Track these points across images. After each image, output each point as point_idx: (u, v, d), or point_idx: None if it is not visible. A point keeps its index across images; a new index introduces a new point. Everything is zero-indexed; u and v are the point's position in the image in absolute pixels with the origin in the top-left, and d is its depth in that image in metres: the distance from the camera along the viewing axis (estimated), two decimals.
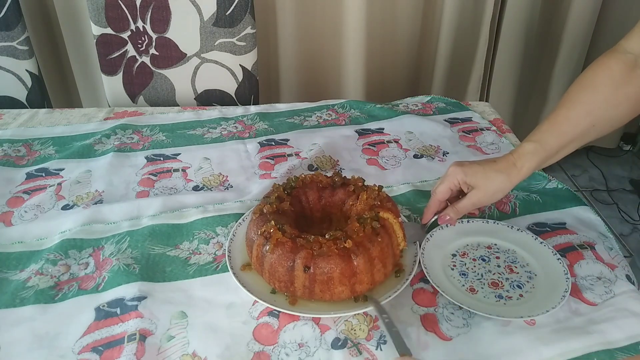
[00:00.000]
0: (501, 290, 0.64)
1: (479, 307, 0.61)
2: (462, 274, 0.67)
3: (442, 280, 0.65)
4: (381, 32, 1.61)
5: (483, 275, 0.67)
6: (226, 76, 1.21)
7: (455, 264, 0.69)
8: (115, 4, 1.12)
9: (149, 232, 0.72)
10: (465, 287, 0.65)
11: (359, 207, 0.67)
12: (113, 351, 0.56)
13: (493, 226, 0.74)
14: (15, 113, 1.04)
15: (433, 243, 0.71)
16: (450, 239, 0.72)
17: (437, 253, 0.69)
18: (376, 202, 0.66)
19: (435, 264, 0.67)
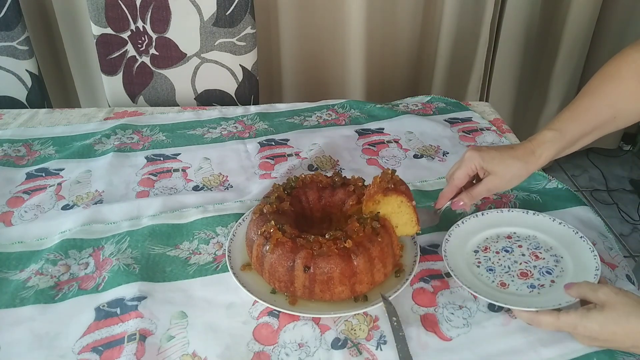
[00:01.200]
0: (532, 280, 0.63)
1: (516, 302, 0.59)
2: (489, 269, 0.65)
3: (472, 280, 0.64)
4: (381, 32, 1.61)
5: (510, 267, 0.66)
6: (226, 76, 1.21)
7: (479, 260, 0.67)
8: (115, 4, 1.12)
9: (149, 232, 0.72)
10: (495, 282, 0.63)
11: (372, 190, 0.66)
12: (113, 351, 0.56)
13: (508, 214, 0.73)
14: (15, 113, 1.04)
15: (453, 244, 0.69)
16: (468, 235, 0.71)
17: (460, 253, 0.68)
18: (390, 185, 0.65)
19: (460, 265, 0.66)
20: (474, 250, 0.69)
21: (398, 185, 0.66)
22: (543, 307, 0.57)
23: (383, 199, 0.65)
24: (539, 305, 0.58)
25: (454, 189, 0.70)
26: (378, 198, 0.65)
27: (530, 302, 0.59)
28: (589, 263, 0.63)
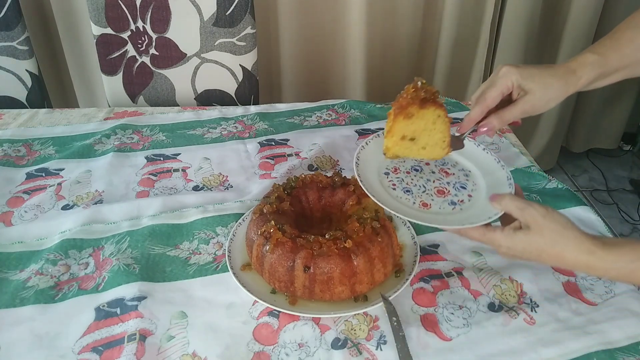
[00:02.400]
0: (450, 197, 0.63)
1: (447, 221, 0.58)
2: (406, 190, 0.63)
3: (397, 206, 0.60)
4: (381, 32, 1.61)
5: (425, 187, 0.64)
6: (226, 76, 1.21)
7: (393, 182, 0.64)
8: (115, 4, 1.12)
9: (149, 232, 0.72)
10: (416, 204, 0.61)
11: (404, 102, 0.58)
12: (113, 351, 0.56)
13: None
14: (15, 113, 1.04)
15: (364, 169, 0.63)
16: (372, 158, 0.65)
17: (373, 178, 0.63)
18: (427, 95, 0.59)
19: (378, 189, 0.62)
20: (384, 173, 0.65)
21: (436, 96, 0.59)
22: (473, 224, 0.56)
23: (418, 112, 0.58)
24: (467, 221, 0.57)
25: (484, 109, 0.62)
26: (412, 111, 0.58)
27: (457, 219, 0.58)
28: (499, 174, 0.63)
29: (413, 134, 0.60)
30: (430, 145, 0.61)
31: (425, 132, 0.60)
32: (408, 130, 0.60)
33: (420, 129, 0.60)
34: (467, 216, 0.59)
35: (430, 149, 0.61)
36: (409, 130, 0.60)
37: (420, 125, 0.60)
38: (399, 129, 0.60)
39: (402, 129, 0.60)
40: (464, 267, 0.68)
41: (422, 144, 0.61)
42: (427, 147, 0.61)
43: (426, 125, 0.60)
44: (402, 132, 0.60)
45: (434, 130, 0.60)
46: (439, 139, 0.61)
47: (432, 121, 0.60)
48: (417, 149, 0.62)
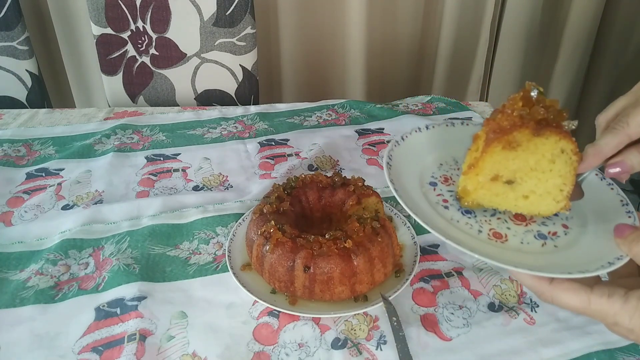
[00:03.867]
0: (536, 225, 0.43)
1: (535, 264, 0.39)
2: (466, 212, 0.44)
3: (456, 233, 0.42)
4: (381, 32, 1.61)
5: (496, 208, 0.44)
6: (226, 76, 1.21)
7: (445, 198, 0.45)
8: (115, 4, 1.12)
9: (149, 232, 0.72)
10: (484, 232, 0.42)
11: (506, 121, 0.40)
12: (113, 351, 0.56)
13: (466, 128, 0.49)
14: (15, 113, 1.04)
15: (398, 173, 0.46)
16: (412, 160, 0.49)
17: (413, 188, 0.46)
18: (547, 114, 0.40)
19: (423, 206, 0.44)
20: (430, 183, 0.47)
21: (562, 118, 0.40)
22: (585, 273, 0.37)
23: (530, 140, 0.39)
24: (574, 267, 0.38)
25: (623, 140, 0.41)
26: (519, 137, 0.39)
27: (556, 262, 0.39)
28: (606, 194, 0.45)
29: (513, 174, 0.41)
30: (538, 195, 0.42)
31: (533, 174, 0.41)
32: (506, 168, 0.41)
33: (527, 167, 0.41)
34: (569, 259, 0.40)
35: (537, 200, 0.42)
36: (508, 169, 0.41)
37: (529, 162, 0.41)
38: (492, 165, 0.41)
39: (497, 165, 0.41)
40: (464, 267, 0.68)
41: (524, 191, 0.42)
42: (532, 196, 0.42)
43: (539, 162, 0.40)
44: (495, 169, 0.41)
45: (549, 172, 0.41)
46: (553, 187, 0.41)
47: (550, 158, 0.40)
48: (515, 197, 0.43)
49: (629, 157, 0.41)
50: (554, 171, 0.41)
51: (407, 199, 0.42)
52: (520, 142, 0.40)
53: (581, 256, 0.40)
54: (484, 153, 0.41)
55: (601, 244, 0.41)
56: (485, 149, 0.41)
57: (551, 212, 0.43)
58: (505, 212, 0.44)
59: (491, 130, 0.41)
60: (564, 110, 0.41)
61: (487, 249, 0.40)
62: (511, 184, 0.42)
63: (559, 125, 0.40)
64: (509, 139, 0.39)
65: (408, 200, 0.42)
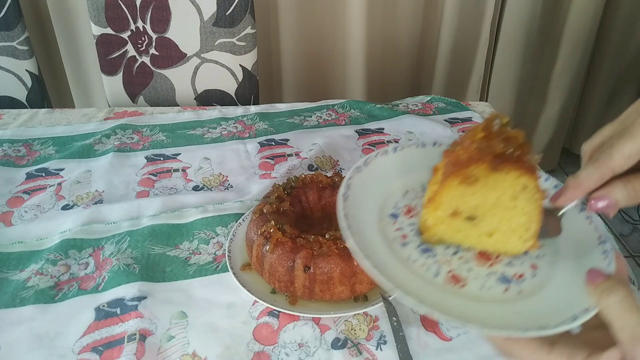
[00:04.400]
0: (501, 266, 0.39)
1: (490, 317, 0.35)
2: (425, 250, 0.40)
3: (401, 275, 0.38)
4: (381, 32, 1.61)
5: (458, 245, 0.41)
6: (226, 76, 1.21)
7: (404, 233, 0.41)
8: (115, 4, 1.12)
9: (149, 232, 0.72)
10: (441, 276, 0.38)
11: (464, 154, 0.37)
12: (113, 351, 0.56)
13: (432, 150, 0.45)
14: (15, 113, 1.04)
15: (356, 202, 0.42)
16: (375, 187, 0.45)
17: (369, 221, 0.42)
18: (507, 147, 0.36)
19: (374, 242, 0.40)
20: (392, 214, 0.43)
21: (525, 152, 0.37)
22: (543, 329, 0.33)
23: (488, 175, 0.36)
24: (531, 322, 0.34)
25: (606, 174, 0.37)
26: (477, 172, 0.36)
27: (511, 315, 0.35)
28: (584, 232, 0.41)
29: (474, 210, 0.39)
30: (503, 233, 0.39)
31: (496, 211, 0.38)
32: (466, 204, 0.38)
33: (487, 203, 0.38)
34: (531, 309, 0.36)
35: (502, 238, 0.39)
36: (468, 204, 0.38)
37: (489, 199, 0.38)
38: (451, 200, 0.38)
39: (456, 200, 0.38)
40: None
41: (487, 228, 0.39)
42: (497, 234, 0.39)
43: (500, 199, 0.37)
44: (455, 204, 0.39)
45: (512, 209, 0.38)
46: (518, 225, 0.38)
47: (512, 195, 0.37)
48: (478, 234, 0.40)
49: (613, 191, 0.37)
50: (517, 208, 0.38)
51: (359, 239, 0.39)
52: (478, 177, 0.37)
53: (545, 305, 0.37)
54: (441, 187, 0.38)
55: (570, 290, 0.38)
56: (443, 183, 0.38)
57: (518, 251, 0.40)
58: (469, 249, 0.41)
59: (449, 163, 0.38)
60: (526, 142, 0.38)
61: (439, 298, 0.37)
62: (473, 220, 0.39)
63: (520, 160, 0.36)
64: (466, 174, 0.36)
65: (359, 241, 0.38)
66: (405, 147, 0.48)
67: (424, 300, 0.35)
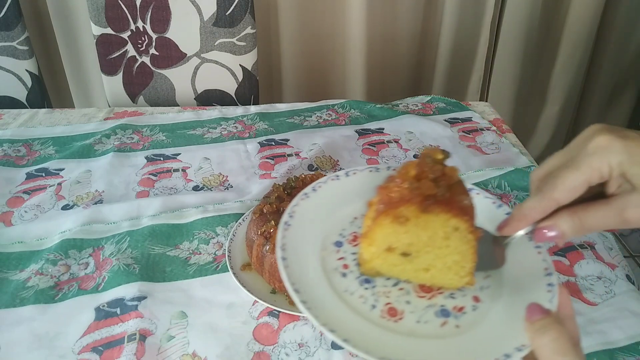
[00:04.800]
0: (442, 298, 0.39)
1: (419, 353, 0.35)
2: (365, 281, 0.40)
3: (335, 310, 0.37)
4: (381, 33, 1.61)
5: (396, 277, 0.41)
6: (226, 76, 1.21)
7: (346, 263, 0.41)
8: (115, 4, 1.12)
9: (149, 232, 0.72)
10: (377, 309, 0.38)
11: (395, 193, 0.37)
12: (113, 351, 0.56)
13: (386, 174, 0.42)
14: (15, 113, 1.04)
15: (299, 230, 0.42)
16: (320, 218, 0.44)
17: (310, 249, 0.41)
18: (440, 189, 0.36)
19: (309, 273, 0.39)
20: (336, 243, 0.43)
21: (457, 192, 0.37)
22: None
23: (418, 217, 0.37)
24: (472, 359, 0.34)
25: (551, 205, 0.37)
26: (407, 213, 0.37)
27: (443, 353, 0.35)
28: (532, 260, 0.40)
29: (408, 247, 0.38)
30: (438, 269, 0.39)
31: (429, 249, 0.38)
32: (399, 241, 0.38)
33: (420, 242, 0.38)
34: (465, 346, 0.36)
35: (438, 274, 0.39)
36: (401, 242, 0.38)
37: (421, 238, 0.38)
38: (384, 237, 0.38)
39: (389, 238, 0.38)
40: None
41: (422, 265, 0.39)
42: (433, 270, 0.39)
43: (432, 239, 0.37)
44: (388, 241, 0.39)
45: (445, 248, 0.38)
46: (453, 263, 0.38)
47: (444, 235, 0.37)
48: (414, 269, 0.40)
49: (559, 222, 0.37)
50: (450, 247, 0.38)
51: (293, 271, 0.38)
52: (408, 217, 0.37)
53: (480, 341, 0.36)
54: (373, 225, 0.38)
55: (508, 325, 0.37)
56: (375, 221, 0.38)
57: (455, 286, 0.40)
58: (408, 281, 0.41)
59: (381, 201, 0.38)
60: (460, 180, 0.37)
61: (369, 335, 0.36)
62: (407, 256, 0.39)
63: (451, 202, 0.36)
64: (397, 214, 0.36)
65: (291, 273, 0.38)
66: (358, 171, 0.48)
67: (350, 338, 0.34)
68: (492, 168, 0.87)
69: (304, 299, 0.36)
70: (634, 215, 0.35)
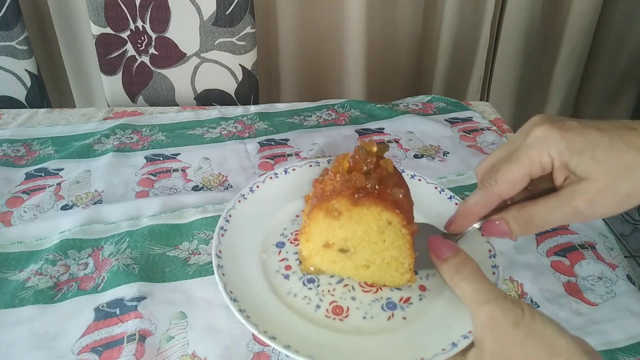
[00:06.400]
0: (388, 290, 0.38)
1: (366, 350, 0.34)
2: (308, 281, 0.40)
3: (276, 318, 0.37)
4: (381, 32, 1.61)
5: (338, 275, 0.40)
6: (226, 76, 1.20)
7: (289, 264, 0.41)
8: (115, 3, 1.12)
9: (148, 232, 0.72)
10: (321, 309, 0.38)
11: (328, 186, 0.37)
12: (112, 352, 0.56)
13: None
14: (15, 113, 1.04)
15: (238, 228, 0.42)
16: (260, 219, 0.43)
17: (249, 249, 0.41)
18: (368, 182, 0.35)
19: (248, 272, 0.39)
20: (277, 244, 0.42)
21: (389, 185, 0.36)
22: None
23: (350, 210, 0.36)
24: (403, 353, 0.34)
25: (492, 200, 0.38)
26: (338, 206, 0.36)
27: (390, 346, 0.35)
28: (474, 240, 0.40)
29: (345, 243, 0.37)
30: (378, 266, 0.38)
31: (366, 244, 0.37)
32: (335, 237, 0.37)
33: (356, 237, 0.37)
34: (411, 337, 0.36)
35: (378, 271, 0.38)
36: (337, 237, 0.37)
37: (357, 232, 0.36)
38: (320, 232, 0.38)
39: (325, 233, 0.38)
40: None
41: (361, 261, 0.38)
42: (373, 267, 0.38)
43: (367, 233, 0.36)
44: (325, 236, 0.38)
45: (382, 242, 0.36)
46: (391, 259, 0.37)
47: (378, 229, 0.36)
48: (355, 266, 0.39)
49: (506, 216, 0.37)
50: (387, 242, 0.36)
51: (231, 279, 0.37)
52: (341, 211, 0.35)
53: (426, 333, 0.35)
54: (308, 219, 0.37)
55: (454, 312, 0.37)
56: (309, 215, 0.37)
57: (397, 284, 0.38)
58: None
59: (315, 195, 0.37)
60: (395, 172, 0.36)
61: (315, 338, 0.35)
62: (346, 252, 0.38)
63: (382, 194, 0.34)
64: (329, 207, 0.35)
65: (229, 282, 0.37)
66: (297, 167, 0.47)
67: (292, 344, 0.34)
68: None
69: (242, 308, 0.36)
70: (583, 204, 0.35)
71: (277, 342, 0.34)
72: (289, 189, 0.45)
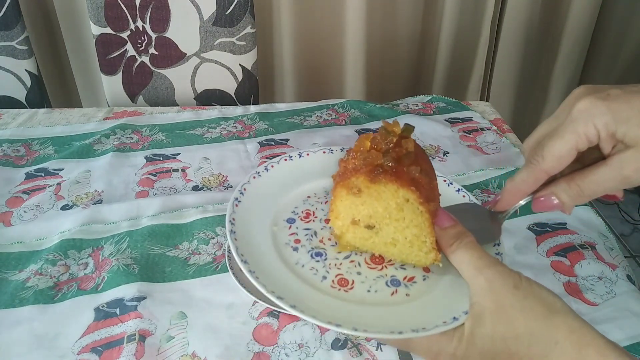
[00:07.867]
0: (392, 269, 0.40)
1: (368, 320, 0.35)
2: (316, 254, 0.41)
3: (281, 279, 0.39)
4: (381, 32, 1.61)
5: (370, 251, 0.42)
6: (226, 76, 1.20)
7: (298, 238, 0.42)
8: (115, 3, 1.12)
9: (148, 232, 0.72)
10: (327, 280, 0.39)
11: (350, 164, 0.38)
12: (112, 352, 0.56)
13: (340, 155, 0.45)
14: (15, 113, 1.04)
15: (250, 206, 0.43)
16: (273, 195, 0.45)
17: (261, 224, 0.43)
18: (386, 160, 0.36)
19: (259, 246, 0.41)
20: (288, 219, 0.44)
21: (406, 163, 0.37)
22: (426, 330, 0.34)
23: (368, 187, 0.37)
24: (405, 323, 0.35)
25: (541, 176, 0.38)
26: (358, 183, 0.37)
27: (391, 318, 0.36)
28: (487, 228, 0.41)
29: (369, 219, 0.39)
30: (401, 243, 0.39)
31: (388, 221, 0.38)
32: (360, 213, 0.39)
33: (378, 214, 0.38)
34: (414, 312, 0.37)
35: (404, 249, 0.39)
36: (362, 213, 0.39)
37: (378, 209, 0.38)
38: (345, 209, 0.40)
39: (350, 210, 0.40)
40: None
41: (387, 238, 0.39)
42: (399, 244, 0.39)
43: (387, 210, 0.38)
44: (350, 213, 0.40)
45: (402, 220, 0.38)
46: (413, 236, 0.38)
47: (396, 206, 0.37)
48: (384, 243, 0.40)
49: (556, 191, 0.38)
50: (406, 220, 0.38)
51: (243, 244, 0.39)
52: (360, 188, 0.37)
53: (429, 308, 0.37)
54: (333, 197, 0.40)
55: (456, 292, 0.38)
56: (333, 193, 0.39)
57: (424, 263, 0.39)
58: (362, 254, 0.41)
59: (338, 173, 0.40)
60: (412, 152, 0.38)
61: (320, 302, 0.37)
62: (372, 229, 0.40)
63: (399, 172, 0.36)
64: (349, 184, 0.38)
65: (243, 245, 0.39)
66: (311, 152, 0.50)
67: (298, 304, 0.35)
68: (492, 168, 0.87)
69: (252, 269, 0.38)
70: (633, 171, 0.35)
71: (285, 302, 0.36)
72: (302, 171, 0.48)
